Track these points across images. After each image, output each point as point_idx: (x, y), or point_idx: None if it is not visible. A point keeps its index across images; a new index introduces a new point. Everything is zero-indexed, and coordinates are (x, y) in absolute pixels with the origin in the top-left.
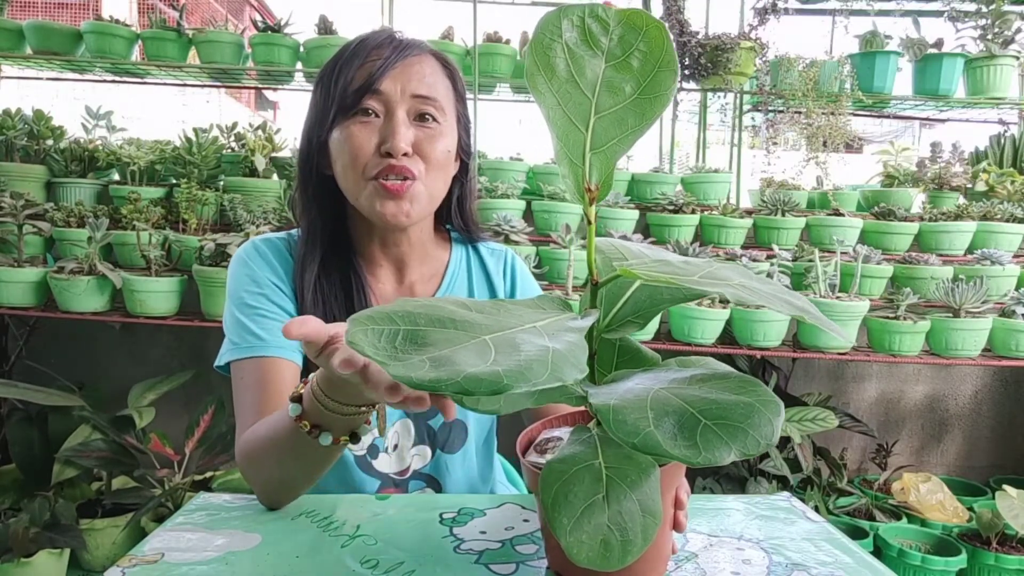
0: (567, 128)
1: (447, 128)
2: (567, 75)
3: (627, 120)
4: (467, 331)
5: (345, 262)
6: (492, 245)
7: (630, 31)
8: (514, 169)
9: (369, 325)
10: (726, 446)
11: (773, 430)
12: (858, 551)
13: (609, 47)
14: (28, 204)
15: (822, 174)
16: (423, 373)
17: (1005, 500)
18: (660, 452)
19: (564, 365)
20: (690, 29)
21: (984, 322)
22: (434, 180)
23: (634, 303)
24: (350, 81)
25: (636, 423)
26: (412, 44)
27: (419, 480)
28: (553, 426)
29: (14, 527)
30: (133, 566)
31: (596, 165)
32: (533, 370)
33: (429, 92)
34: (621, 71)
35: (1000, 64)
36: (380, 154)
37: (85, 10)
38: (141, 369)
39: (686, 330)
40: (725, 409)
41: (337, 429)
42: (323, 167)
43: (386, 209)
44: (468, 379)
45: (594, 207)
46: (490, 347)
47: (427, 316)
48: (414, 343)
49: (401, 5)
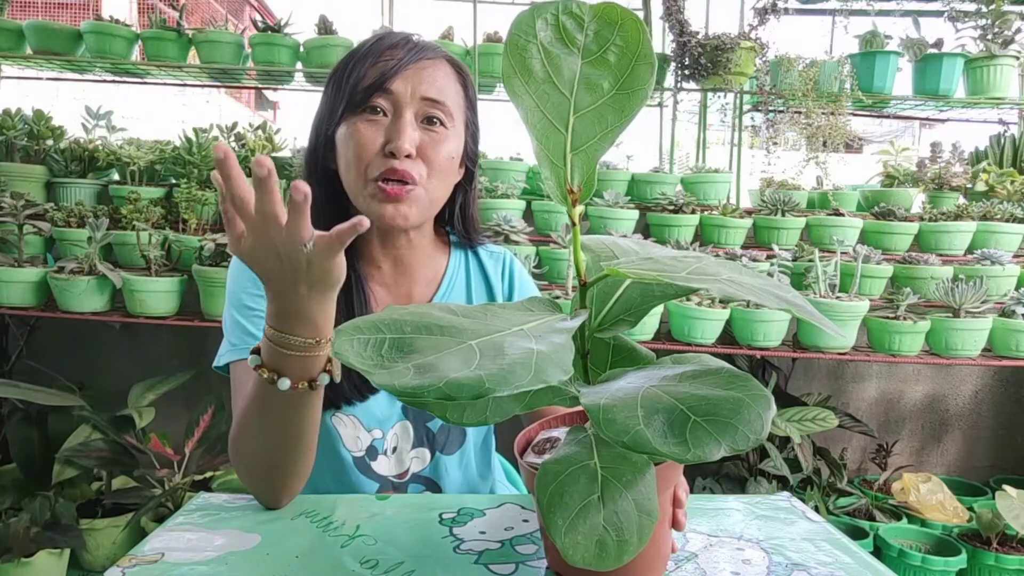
0: (546, 129)
1: (454, 134)
2: (544, 75)
3: (607, 117)
4: (453, 336)
5: (347, 263)
6: (491, 247)
7: (605, 26)
8: (514, 169)
9: (355, 335)
10: (715, 442)
11: (763, 425)
12: (858, 551)
13: (585, 43)
14: (28, 204)
15: (822, 174)
16: (406, 380)
17: (1005, 500)
18: (650, 450)
19: (548, 366)
20: (690, 29)
21: (984, 322)
22: (435, 184)
23: (625, 301)
24: (362, 78)
25: (626, 422)
26: (428, 47)
27: (418, 483)
28: (551, 427)
29: (14, 527)
30: (133, 566)
31: (577, 165)
32: (516, 373)
33: (439, 96)
34: (598, 67)
35: (1000, 64)
36: (384, 154)
37: (85, 10)
38: (141, 369)
39: (686, 330)
40: (714, 405)
41: (293, 373)
42: (329, 161)
43: (384, 211)
44: (450, 384)
45: (577, 208)
46: (475, 352)
47: (414, 323)
48: (400, 350)
49: (401, 5)
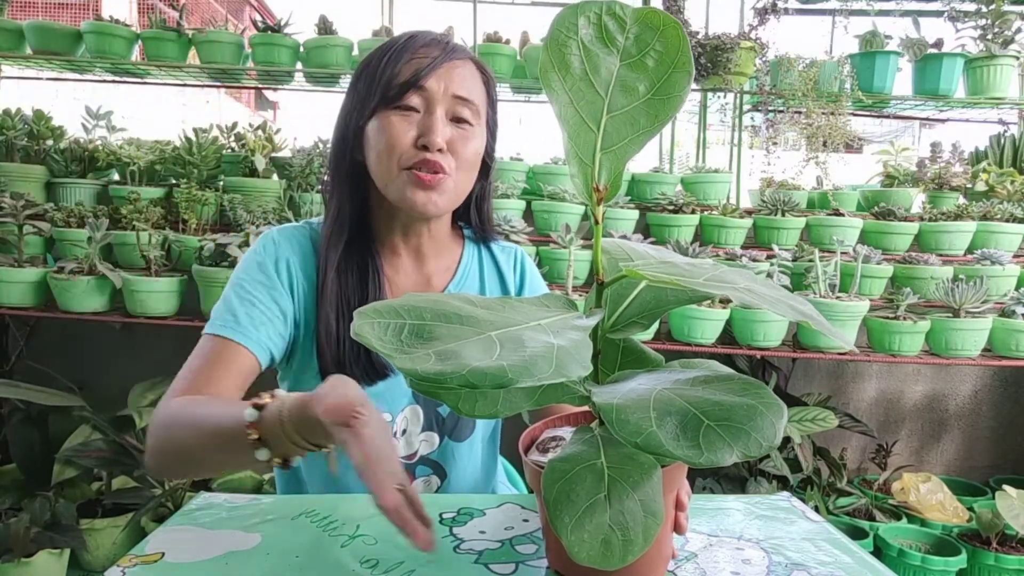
0: (579, 127)
1: (479, 131)
2: (581, 73)
3: (639, 120)
4: (473, 327)
5: (366, 249)
6: (503, 244)
7: (647, 30)
8: (514, 169)
9: (375, 319)
10: (728, 447)
11: (775, 432)
12: (858, 551)
13: (625, 45)
14: (28, 204)
15: (822, 174)
16: (428, 366)
17: (1005, 500)
18: (663, 452)
19: (568, 361)
20: (690, 29)
21: (984, 322)
22: (463, 178)
23: (640, 304)
24: (397, 73)
25: (639, 423)
26: (458, 48)
27: (425, 466)
28: (556, 426)
29: (14, 527)
30: (133, 566)
31: (606, 165)
32: (538, 365)
33: (468, 95)
34: (636, 70)
35: (1000, 64)
36: (416, 147)
37: (85, 10)
38: (141, 369)
39: (686, 330)
40: (728, 410)
41: (277, 450)
42: (356, 152)
43: (417, 198)
44: (473, 372)
45: (601, 207)
46: (495, 342)
47: (433, 311)
48: (420, 337)
49: (401, 5)
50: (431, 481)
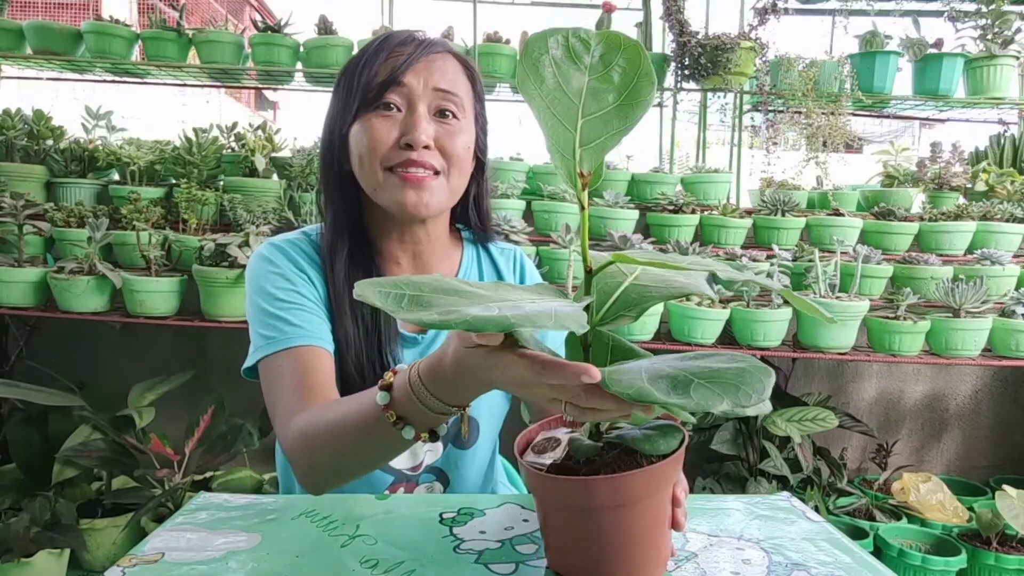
0: (557, 128)
1: (466, 125)
2: (555, 84)
3: (612, 122)
4: (470, 298)
5: (369, 259)
6: (501, 244)
7: (610, 49)
8: (514, 169)
9: (376, 287)
10: (718, 397)
11: (764, 387)
12: (858, 551)
13: (591, 63)
14: (28, 204)
15: (822, 174)
16: (431, 316)
17: (1005, 500)
18: (653, 400)
19: (567, 318)
20: (690, 29)
21: (984, 322)
22: (454, 175)
23: (625, 299)
24: (374, 75)
25: (631, 381)
26: (435, 42)
27: (429, 474)
28: (551, 427)
29: (14, 527)
30: (133, 566)
31: (586, 158)
32: (539, 319)
33: (450, 87)
34: (604, 82)
35: (1000, 64)
36: (400, 147)
37: (85, 10)
38: (141, 369)
39: (686, 330)
40: (718, 372)
41: (420, 424)
42: (343, 162)
43: (406, 199)
44: (476, 319)
45: (586, 192)
46: (495, 307)
47: (431, 286)
48: (419, 304)
49: (401, 5)
50: (434, 488)
